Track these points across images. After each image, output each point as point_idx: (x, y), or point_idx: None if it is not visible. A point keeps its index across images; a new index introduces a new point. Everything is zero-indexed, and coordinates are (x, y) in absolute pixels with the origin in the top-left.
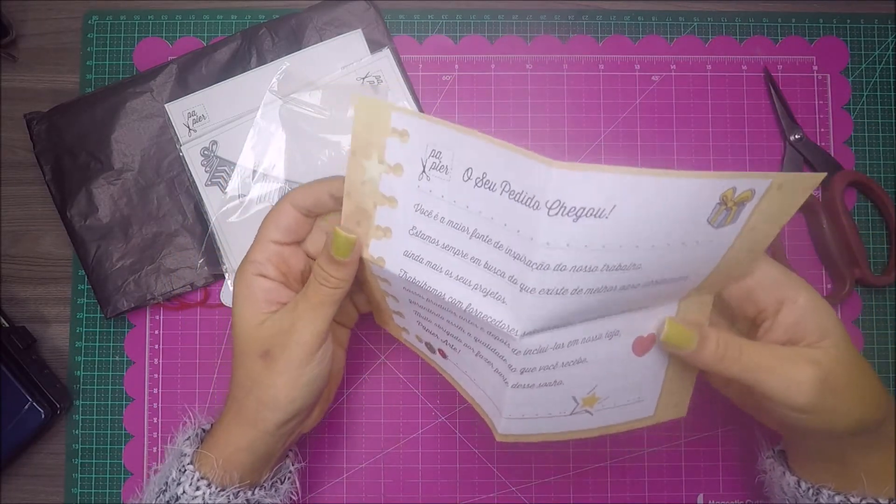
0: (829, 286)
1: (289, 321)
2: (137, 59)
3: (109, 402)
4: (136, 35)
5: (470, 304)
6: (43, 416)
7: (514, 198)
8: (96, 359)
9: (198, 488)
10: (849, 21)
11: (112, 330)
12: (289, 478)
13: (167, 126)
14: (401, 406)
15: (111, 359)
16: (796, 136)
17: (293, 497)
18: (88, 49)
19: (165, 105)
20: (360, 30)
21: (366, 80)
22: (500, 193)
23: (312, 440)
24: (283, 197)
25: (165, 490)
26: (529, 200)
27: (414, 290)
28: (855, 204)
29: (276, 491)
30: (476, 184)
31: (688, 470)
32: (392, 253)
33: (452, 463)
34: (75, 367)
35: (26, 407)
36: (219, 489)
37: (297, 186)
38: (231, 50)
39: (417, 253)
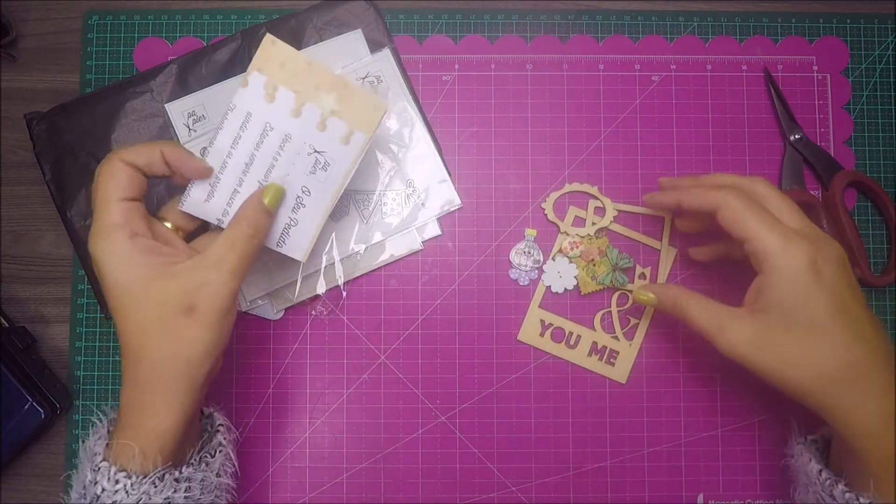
0: None
1: (210, 275)
2: (137, 59)
3: (109, 402)
4: (136, 35)
5: None
6: (43, 416)
7: None
8: (96, 359)
9: (117, 482)
10: (849, 21)
11: (112, 330)
12: (220, 450)
13: (167, 126)
14: (401, 406)
15: (111, 359)
16: (796, 136)
17: (228, 469)
18: (88, 49)
19: (165, 105)
20: (360, 30)
21: (366, 80)
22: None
23: (312, 440)
24: (108, 157)
25: (84, 495)
26: None
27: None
28: (855, 204)
29: (206, 465)
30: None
31: (688, 470)
32: None
33: (452, 463)
34: (75, 367)
35: (26, 407)
36: (140, 477)
37: (124, 147)
38: (231, 50)
39: None
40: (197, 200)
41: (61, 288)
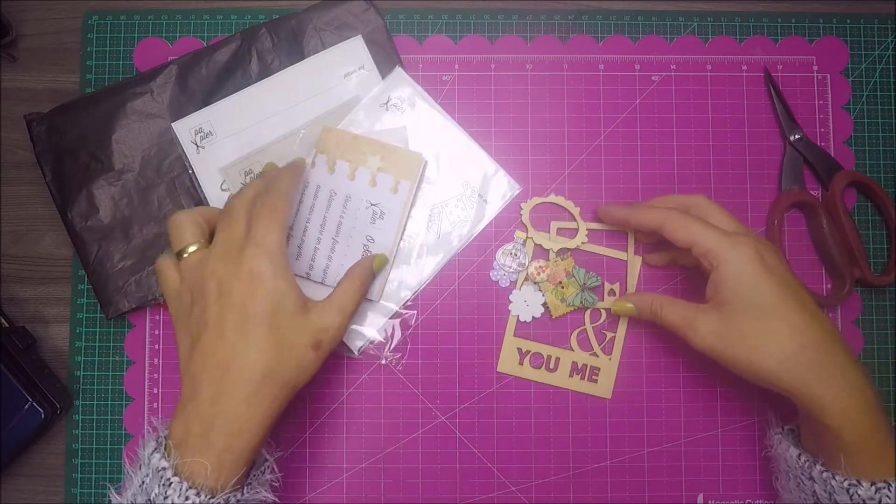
0: (828, 286)
1: (336, 319)
2: (137, 59)
3: (109, 402)
4: (136, 35)
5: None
6: (43, 416)
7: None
8: (96, 359)
9: (187, 498)
10: (849, 21)
11: (112, 330)
12: (268, 467)
13: (167, 127)
14: (401, 406)
15: (111, 359)
16: (796, 136)
17: (275, 484)
18: (88, 49)
19: (172, 124)
20: (360, 36)
21: (389, 104)
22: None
23: (312, 440)
24: (280, 193)
25: None
26: None
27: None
28: (855, 204)
29: (259, 484)
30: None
31: (688, 470)
32: None
33: (452, 463)
34: (75, 367)
35: (26, 407)
36: (208, 497)
37: (283, 182)
38: (231, 50)
39: None
40: (290, 259)
41: (61, 288)
